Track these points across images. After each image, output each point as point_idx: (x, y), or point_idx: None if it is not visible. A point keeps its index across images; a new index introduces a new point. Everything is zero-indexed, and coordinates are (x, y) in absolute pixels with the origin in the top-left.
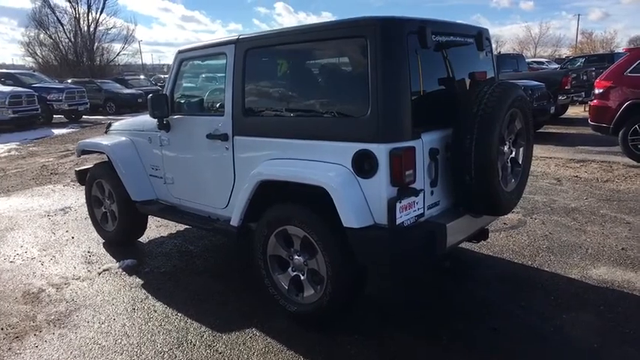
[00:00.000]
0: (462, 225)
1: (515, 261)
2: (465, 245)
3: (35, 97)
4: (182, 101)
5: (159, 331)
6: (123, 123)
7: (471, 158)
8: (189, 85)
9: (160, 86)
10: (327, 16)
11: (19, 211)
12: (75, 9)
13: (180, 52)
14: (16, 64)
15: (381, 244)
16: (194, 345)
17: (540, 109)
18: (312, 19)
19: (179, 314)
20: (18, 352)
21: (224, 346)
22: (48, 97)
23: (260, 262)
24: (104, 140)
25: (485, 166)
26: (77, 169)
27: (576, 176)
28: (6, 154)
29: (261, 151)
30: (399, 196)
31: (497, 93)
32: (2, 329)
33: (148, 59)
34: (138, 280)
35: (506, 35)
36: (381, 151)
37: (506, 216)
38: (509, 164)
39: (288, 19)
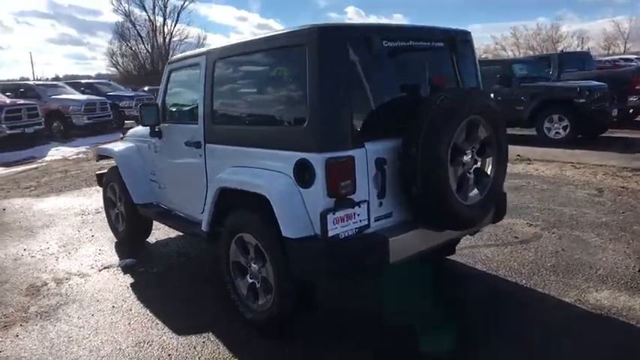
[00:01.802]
0: (414, 238)
1: (509, 279)
2: (459, 258)
3: (108, 105)
4: (170, 110)
5: (126, 330)
6: (134, 130)
7: (416, 168)
8: (176, 94)
9: None
10: (398, 18)
11: (60, 210)
12: (152, 22)
13: (169, 62)
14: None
15: (313, 256)
16: (150, 345)
17: (600, 111)
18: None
19: (151, 314)
20: (2, 337)
21: (174, 350)
22: (120, 104)
23: (223, 268)
24: (116, 146)
25: (432, 177)
26: (97, 172)
27: (623, 187)
28: (74, 156)
29: (227, 158)
30: (334, 207)
31: (448, 100)
32: (2, 318)
33: None
34: (130, 279)
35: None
36: (317, 160)
37: (519, 229)
38: (471, 175)
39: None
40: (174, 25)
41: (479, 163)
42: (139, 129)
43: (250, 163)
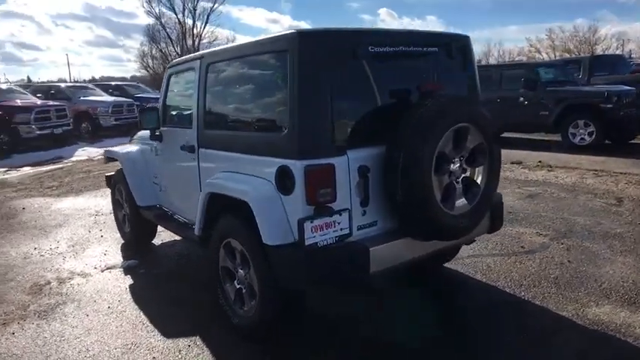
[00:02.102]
0: (399, 248)
1: (507, 290)
2: (459, 267)
3: (135, 106)
4: (169, 113)
5: (117, 331)
6: (142, 133)
7: (398, 177)
8: (174, 98)
9: None
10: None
11: (76, 210)
12: (182, 25)
13: (169, 66)
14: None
15: (292, 264)
16: (137, 347)
17: (628, 117)
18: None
19: (143, 316)
20: (8, 331)
21: (160, 352)
22: (147, 106)
23: (213, 272)
24: (122, 149)
25: (414, 186)
26: (106, 174)
27: None
28: (99, 157)
29: (218, 163)
30: (313, 215)
31: (432, 108)
32: (1, 315)
33: None
34: (130, 280)
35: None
36: (297, 167)
37: (527, 238)
38: (458, 184)
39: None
40: (204, 27)
41: (468, 172)
42: (146, 132)
43: (238, 168)
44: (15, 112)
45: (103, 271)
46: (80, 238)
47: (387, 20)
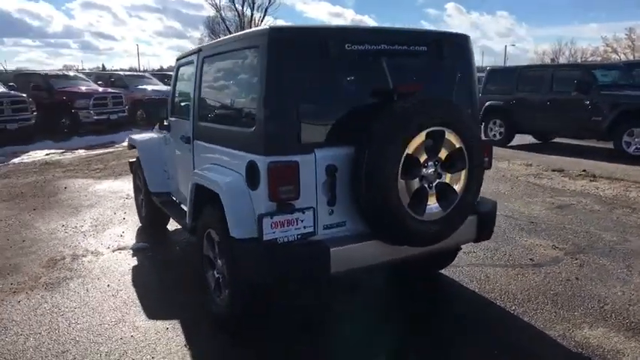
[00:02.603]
0: (367, 250)
1: (497, 302)
2: (454, 275)
3: None
4: (175, 105)
5: (108, 308)
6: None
7: (362, 177)
8: (180, 90)
9: None
10: (502, 16)
11: (110, 192)
12: (241, 17)
13: (177, 59)
14: None
15: (251, 258)
16: (123, 324)
17: None
18: (484, 20)
19: (135, 297)
20: (5, 303)
21: (140, 332)
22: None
23: (198, 260)
24: (141, 136)
25: (377, 188)
26: (130, 160)
27: None
28: None
29: (207, 155)
30: (274, 211)
31: (402, 109)
32: (12, 284)
33: None
34: (136, 261)
35: None
36: (262, 163)
37: (540, 250)
38: (432, 190)
39: (458, 20)
40: (262, 20)
41: (444, 178)
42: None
43: (221, 161)
44: (76, 98)
45: (114, 251)
46: (105, 219)
47: (454, 15)
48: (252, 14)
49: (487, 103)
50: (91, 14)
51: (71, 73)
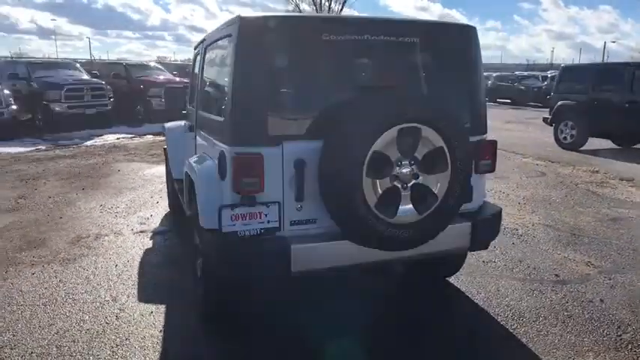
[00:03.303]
0: (333, 250)
1: (499, 319)
2: (463, 285)
3: None
4: (192, 94)
5: (106, 286)
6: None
7: (324, 173)
8: (193, 79)
9: None
10: (605, 10)
11: (155, 177)
12: (317, 10)
13: (195, 48)
14: None
15: (212, 249)
16: (114, 302)
17: None
18: (584, 15)
19: (135, 278)
20: (21, 274)
21: (126, 311)
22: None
23: (192, 248)
24: (170, 124)
25: (339, 186)
26: (164, 147)
27: None
28: None
29: (203, 143)
30: (236, 203)
31: (369, 103)
32: (34, 257)
33: None
34: (150, 244)
35: None
36: (229, 154)
37: (571, 266)
38: (406, 191)
39: (555, 14)
40: (340, 13)
41: (421, 179)
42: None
43: (208, 150)
44: (150, 86)
45: (135, 233)
46: (140, 202)
47: (550, 9)
48: (329, 6)
49: (559, 103)
50: (185, 8)
51: (151, 64)
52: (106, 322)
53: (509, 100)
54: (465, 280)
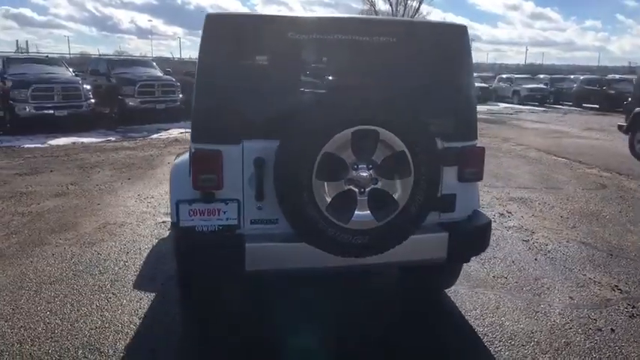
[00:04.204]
0: (287, 251)
1: (484, 340)
2: (458, 298)
3: None
4: None
5: (110, 272)
6: None
7: (273, 173)
8: None
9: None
10: None
11: None
12: (393, 9)
13: None
14: None
15: (174, 244)
16: (111, 287)
17: None
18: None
19: (138, 266)
20: (43, 254)
21: (115, 300)
22: None
23: None
24: None
25: (286, 185)
26: None
27: None
28: None
29: None
30: (194, 199)
31: (325, 103)
32: (60, 239)
33: (482, 58)
34: (166, 235)
35: None
36: (192, 150)
37: (594, 289)
38: (362, 196)
39: None
40: (417, 10)
41: (380, 184)
42: None
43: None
44: None
45: (157, 223)
46: None
47: None
48: (404, 10)
49: (636, 110)
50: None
51: None
52: (96, 306)
53: (597, 106)
54: (464, 294)
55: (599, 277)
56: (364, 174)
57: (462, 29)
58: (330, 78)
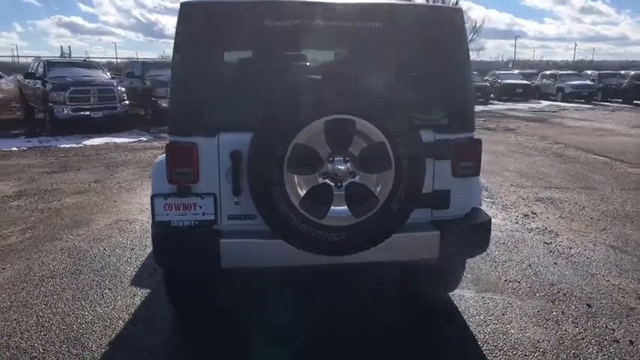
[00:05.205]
0: (263, 248)
1: (483, 347)
2: (462, 302)
3: None
4: None
5: (111, 267)
6: None
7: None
8: None
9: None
10: None
11: None
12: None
13: None
14: None
15: (152, 239)
16: (109, 282)
17: None
18: None
19: (139, 262)
20: (53, 249)
21: (112, 293)
22: None
23: None
24: None
25: (256, 178)
26: None
27: None
28: None
29: None
30: (169, 193)
31: (295, 92)
32: (72, 235)
33: (528, 55)
34: None
35: None
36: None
37: (617, 297)
38: (339, 190)
39: None
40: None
41: (358, 178)
42: None
43: None
44: None
45: None
46: None
47: None
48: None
49: None
50: None
51: None
52: (90, 301)
53: None
54: (469, 298)
55: (625, 284)
56: (341, 167)
57: (451, 12)
58: (308, 65)
